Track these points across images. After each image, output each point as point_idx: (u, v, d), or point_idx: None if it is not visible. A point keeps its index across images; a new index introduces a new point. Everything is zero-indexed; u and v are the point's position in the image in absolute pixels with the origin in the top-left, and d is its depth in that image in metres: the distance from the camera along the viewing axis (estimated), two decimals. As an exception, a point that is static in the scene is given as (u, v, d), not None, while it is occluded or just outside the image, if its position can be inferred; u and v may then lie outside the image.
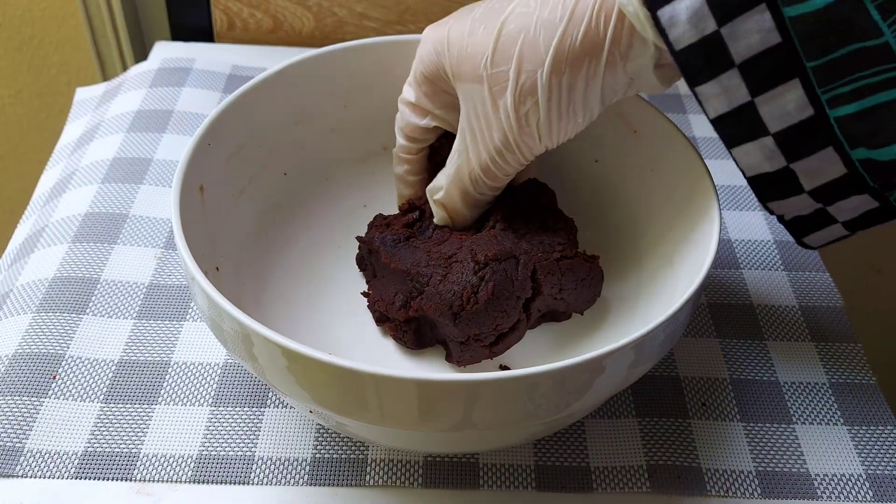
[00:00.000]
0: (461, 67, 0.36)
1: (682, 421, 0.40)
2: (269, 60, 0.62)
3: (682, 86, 0.61)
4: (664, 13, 0.30)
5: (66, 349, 0.41)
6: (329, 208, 0.47)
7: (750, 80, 0.30)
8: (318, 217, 0.47)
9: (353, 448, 0.38)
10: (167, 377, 0.41)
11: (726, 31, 0.30)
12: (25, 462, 0.37)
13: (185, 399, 0.40)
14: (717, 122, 0.32)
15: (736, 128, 0.32)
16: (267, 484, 0.37)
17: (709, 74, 0.31)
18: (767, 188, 0.33)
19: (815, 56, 0.29)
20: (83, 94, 0.61)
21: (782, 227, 0.36)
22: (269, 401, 0.40)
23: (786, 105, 0.30)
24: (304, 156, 0.46)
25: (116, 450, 0.38)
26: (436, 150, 0.43)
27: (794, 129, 0.31)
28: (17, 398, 0.39)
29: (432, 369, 0.40)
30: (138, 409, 0.39)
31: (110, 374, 0.41)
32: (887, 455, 0.39)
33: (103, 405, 0.39)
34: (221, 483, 0.37)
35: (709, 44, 0.30)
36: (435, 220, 0.42)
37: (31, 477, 0.37)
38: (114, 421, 0.39)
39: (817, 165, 0.31)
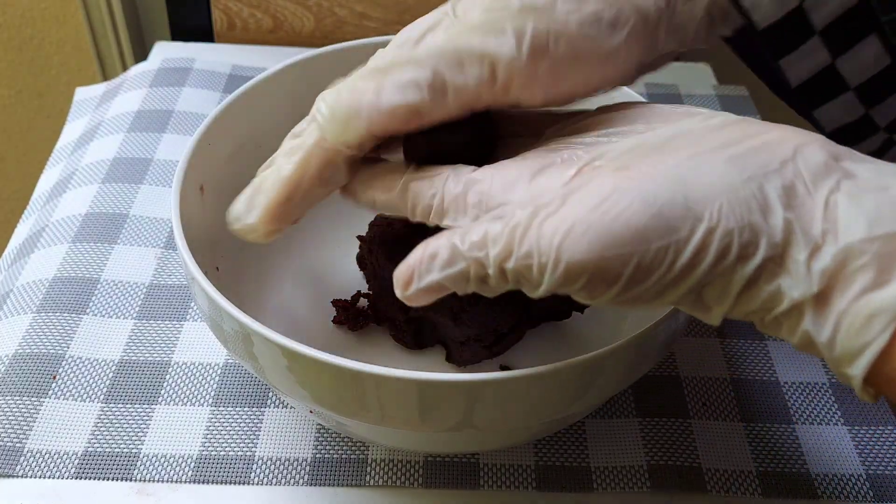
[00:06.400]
0: None
1: (683, 421, 0.40)
2: (269, 60, 0.62)
3: (682, 86, 0.61)
4: None
5: (66, 349, 0.41)
6: (329, 208, 0.47)
7: (830, 42, 0.30)
8: (318, 216, 0.46)
9: (353, 448, 0.38)
10: (167, 377, 0.41)
11: (809, 3, 0.30)
12: (25, 462, 0.37)
13: (185, 399, 0.40)
14: (799, 89, 0.32)
15: (818, 91, 0.32)
16: (267, 484, 0.37)
17: (792, 46, 0.31)
18: (845, 137, 0.33)
19: (887, 11, 0.29)
20: (83, 93, 0.61)
21: None
22: (269, 401, 0.40)
23: (865, 60, 0.31)
24: (304, 156, 0.46)
25: (116, 450, 0.38)
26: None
27: (872, 79, 0.31)
28: (17, 398, 0.39)
29: (432, 369, 0.40)
30: (138, 409, 0.39)
31: (110, 374, 0.41)
32: (887, 455, 0.39)
33: (103, 405, 0.39)
34: (221, 483, 0.37)
35: (792, 16, 0.30)
36: None
37: (31, 477, 0.37)
38: (114, 421, 0.39)
39: (892, 104, 0.32)
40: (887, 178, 0.23)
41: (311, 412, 0.36)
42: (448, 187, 0.28)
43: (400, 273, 0.27)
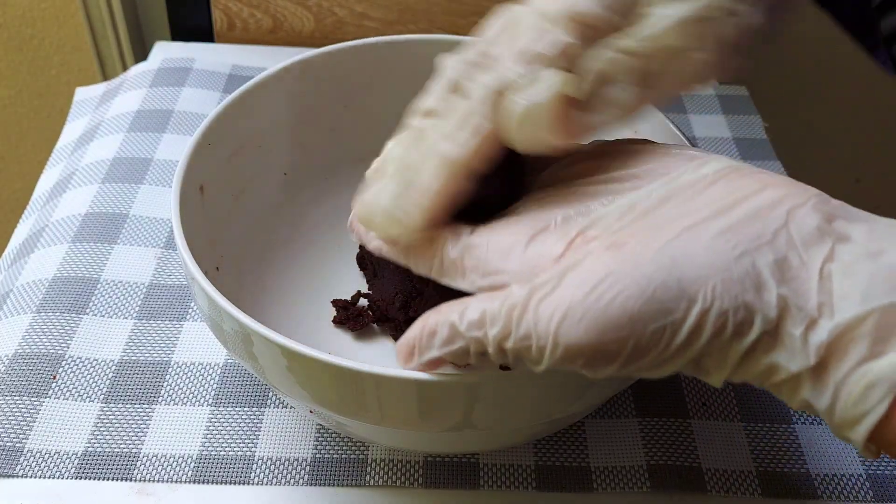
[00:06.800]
0: None
1: (683, 421, 0.40)
2: (269, 60, 0.62)
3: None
4: None
5: (66, 349, 0.41)
6: (329, 208, 0.47)
7: None
8: (318, 217, 0.47)
9: (353, 448, 0.38)
10: (167, 377, 0.41)
11: None
12: (25, 462, 0.37)
13: (185, 399, 0.40)
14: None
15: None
16: (267, 484, 0.37)
17: None
18: None
19: None
20: (83, 93, 0.61)
21: None
22: (269, 401, 0.40)
23: None
24: (304, 156, 0.46)
25: (116, 450, 0.38)
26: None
27: None
28: (17, 398, 0.39)
29: (432, 369, 0.40)
30: (138, 409, 0.39)
31: (110, 374, 0.41)
32: (887, 455, 0.39)
33: (103, 405, 0.39)
34: (221, 483, 0.37)
35: None
36: None
37: (31, 477, 0.37)
38: (114, 421, 0.39)
39: None
40: (880, 241, 0.24)
41: (311, 412, 0.36)
42: (446, 252, 0.28)
43: (401, 347, 0.29)
